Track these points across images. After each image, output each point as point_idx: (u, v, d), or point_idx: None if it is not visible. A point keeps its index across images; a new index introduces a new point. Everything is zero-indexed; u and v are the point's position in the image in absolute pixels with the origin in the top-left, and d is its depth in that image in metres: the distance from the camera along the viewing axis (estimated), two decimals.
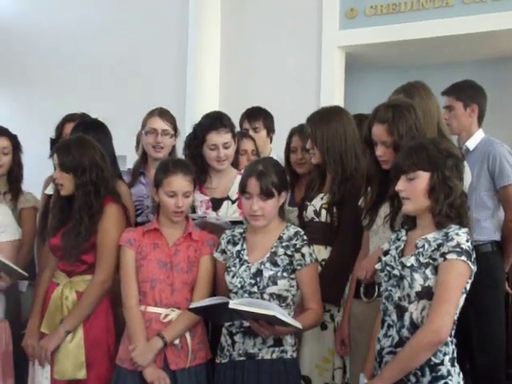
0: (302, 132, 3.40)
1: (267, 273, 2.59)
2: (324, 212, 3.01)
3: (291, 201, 3.37)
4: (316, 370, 2.94)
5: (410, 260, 2.21)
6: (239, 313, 2.43)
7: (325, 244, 2.99)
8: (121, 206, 2.96)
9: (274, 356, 2.60)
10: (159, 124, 3.37)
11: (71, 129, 3.44)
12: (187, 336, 2.73)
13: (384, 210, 2.65)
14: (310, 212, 3.05)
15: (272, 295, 2.59)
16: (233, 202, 3.17)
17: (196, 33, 6.16)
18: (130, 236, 2.81)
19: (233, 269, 2.66)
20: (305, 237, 2.65)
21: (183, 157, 3.28)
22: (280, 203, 2.66)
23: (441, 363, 2.16)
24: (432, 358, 2.15)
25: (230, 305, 2.36)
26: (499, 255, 3.47)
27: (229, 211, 3.15)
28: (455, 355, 2.21)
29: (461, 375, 2.21)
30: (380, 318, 2.34)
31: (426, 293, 2.16)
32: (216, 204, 3.18)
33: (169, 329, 2.70)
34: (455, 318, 2.18)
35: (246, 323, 2.58)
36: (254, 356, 2.60)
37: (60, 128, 3.81)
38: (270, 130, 4.19)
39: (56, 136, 3.82)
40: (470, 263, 2.14)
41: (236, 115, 3.85)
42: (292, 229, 2.69)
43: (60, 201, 2.98)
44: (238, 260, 2.66)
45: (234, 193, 3.14)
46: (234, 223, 2.90)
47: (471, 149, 3.53)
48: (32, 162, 3.95)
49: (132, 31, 6.54)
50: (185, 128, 3.72)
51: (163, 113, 3.42)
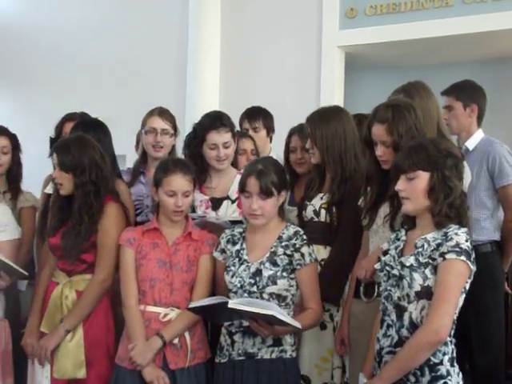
0: (302, 132, 3.40)
1: (267, 272, 2.59)
2: (323, 212, 3.01)
3: (291, 200, 3.36)
4: (315, 370, 2.94)
5: (410, 260, 2.21)
6: (238, 312, 2.43)
7: (324, 244, 2.99)
8: (121, 206, 2.96)
9: (274, 356, 2.60)
10: (159, 123, 3.37)
11: (71, 128, 3.44)
12: (186, 335, 2.73)
13: (384, 210, 2.65)
14: (310, 212, 3.05)
15: (271, 295, 2.59)
16: (232, 202, 3.17)
17: (196, 33, 6.16)
18: (130, 235, 2.81)
19: (232, 268, 2.66)
20: (304, 236, 2.65)
21: (183, 156, 3.28)
22: (279, 202, 2.66)
23: (440, 363, 2.16)
24: (431, 358, 2.15)
25: (230, 304, 2.36)
26: (499, 255, 3.47)
27: (228, 211, 3.15)
28: (455, 355, 2.21)
29: (460, 375, 2.21)
30: (379, 318, 2.34)
31: (426, 292, 2.16)
32: (216, 203, 3.17)
33: (168, 328, 2.70)
34: (455, 318, 2.18)
35: (246, 323, 2.58)
36: (254, 356, 2.60)
37: (60, 127, 3.81)
38: (270, 130, 4.18)
39: (56, 135, 3.81)
40: (470, 263, 2.14)
41: (236, 115, 3.85)
42: (292, 228, 2.69)
43: (59, 200, 2.98)
44: (238, 259, 2.66)
45: (234, 192, 3.14)
46: (234, 223, 2.89)
47: (471, 149, 3.53)
48: (32, 162, 3.96)
49: (132, 31, 6.54)
50: (185, 128, 3.72)
51: (163, 112, 3.42)
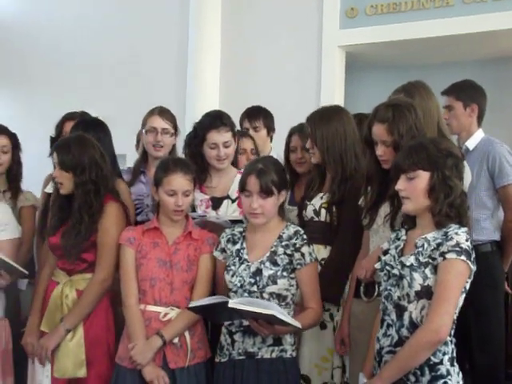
0: (302, 131, 3.40)
1: (267, 272, 2.59)
2: (323, 211, 3.00)
3: (291, 200, 3.36)
4: (315, 370, 2.94)
5: (410, 259, 2.21)
6: (239, 312, 2.43)
7: (324, 243, 2.99)
8: (121, 205, 2.96)
9: (274, 355, 2.60)
10: (159, 123, 3.38)
11: (71, 127, 3.44)
12: (186, 335, 2.73)
13: (384, 210, 2.65)
14: (310, 211, 3.05)
15: (272, 294, 2.59)
16: (233, 201, 3.17)
17: (196, 33, 6.15)
18: (130, 235, 2.81)
19: (232, 268, 2.66)
20: (304, 236, 2.65)
21: (183, 156, 3.28)
22: (280, 202, 2.66)
23: (440, 363, 2.16)
24: (431, 358, 2.15)
25: (230, 304, 2.36)
26: (499, 255, 3.47)
27: (229, 210, 3.15)
28: (455, 355, 2.21)
29: (460, 375, 2.21)
30: (379, 318, 2.34)
31: (426, 292, 2.16)
32: (216, 203, 3.17)
33: (168, 327, 2.69)
34: (455, 318, 2.18)
35: (246, 322, 2.58)
36: (254, 355, 2.60)
37: (60, 126, 3.81)
38: (271, 129, 4.19)
39: (56, 134, 3.81)
40: (470, 263, 2.14)
41: (236, 115, 3.85)
42: (292, 228, 2.69)
43: (59, 199, 2.98)
44: (238, 259, 2.66)
45: (234, 192, 3.14)
46: (234, 222, 2.89)
47: (471, 148, 3.53)
48: (32, 161, 3.96)
49: (132, 31, 6.53)
50: (185, 127, 3.72)
51: (163, 112, 3.42)
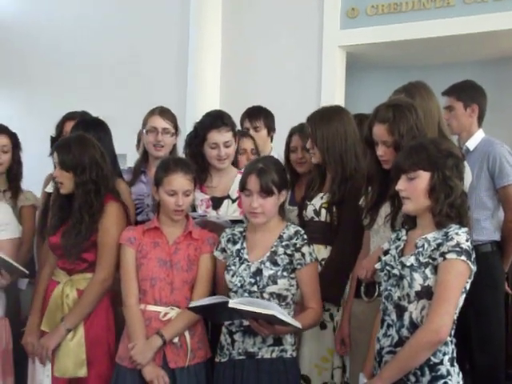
0: (302, 131, 3.40)
1: (267, 272, 2.59)
2: (324, 211, 3.00)
3: (291, 200, 3.36)
4: (315, 370, 2.94)
5: (410, 260, 2.21)
6: (239, 312, 2.43)
7: (324, 243, 2.99)
8: (121, 205, 2.96)
9: (274, 355, 2.60)
10: (160, 123, 3.37)
11: (71, 127, 3.44)
12: (186, 335, 2.73)
13: (385, 210, 2.65)
14: (310, 211, 3.05)
15: (272, 294, 2.59)
16: (233, 201, 3.17)
17: (197, 32, 6.15)
18: (131, 235, 2.81)
19: (233, 268, 2.66)
20: (305, 236, 2.65)
21: (184, 155, 3.28)
22: (280, 202, 2.66)
23: (440, 363, 2.16)
24: (431, 358, 2.15)
25: (230, 304, 2.36)
26: (499, 255, 3.47)
27: (229, 210, 3.15)
28: (455, 355, 2.21)
29: (460, 375, 2.21)
30: (380, 318, 2.34)
31: (426, 292, 2.16)
32: (216, 203, 3.17)
33: (168, 327, 2.70)
34: (455, 318, 2.18)
35: (246, 322, 2.58)
36: (254, 355, 2.60)
37: (60, 126, 3.81)
38: (271, 129, 4.19)
39: (56, 134, 3.81)
40: (470, 263, 2.13)
41: (237, 114, 3.85)
42: (292, 228, 2.69)
43: (60, 199, 2.97)
44: (238, 259, 2.66)
45: (235, 192, 3.14)
46: (235, 222, 2.90)
47: (471, 149, 3.53)
48: (32, 161, 3.95)
49: (133, 30, 6.53)
50: (185, 127, 3.72)
51: (164, 111, 3.42)
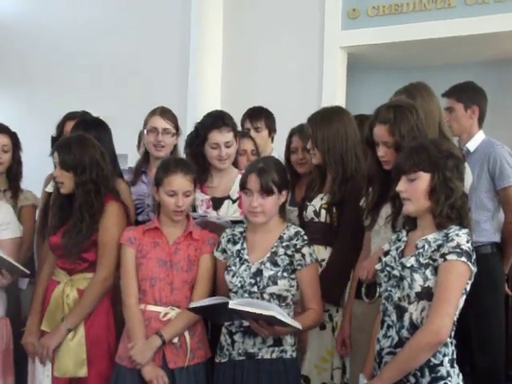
0: (302, 132, 3.40)
1: (267, 273, 2.59)
2: (324, 212, 3.00)
3: (292, 200, 3.36)
4: (314, 370, 2.94)
5: (410, 261, 2.21)
6: (239, 313, 2.43)
7: (324, 244, 2.99)
8: (121, 205, 2.96)
9: (274, 356, 2.60)
10: (160, 123, 3.37)
11: (72, 127, 3.44)
12: (186, 335, 2.73)
13: (385, 211, 2.64)
14: (310, 212, 3.05)
15: (272, 295, 2.59)
16: (233, 202, 3.17)
17: (198, 32, 6.15)
18: (131, 235, 2.81)
19: (233, 268, 2.66)
20: (305, 237, 2.65)
21: (185, 156, 3.28)
22: (280, 202, 2.66)
23: (440, 364, 2.16)
24: (431, 359, 2.15)
25: (230, 305, 2.36)
26: (499, 257, 3.47)
27: (229, 211, 3.15)
28: (455, 356, 2.21)
29: (460, 376, 2.21)
30: (380, 319, 2.34)
31: (426, 293, 2.16)
32: (217, 203, 3.17)
33: (167, 327, 2.70)
34: (455, 319, 2.18)
35: (246, 323, 2.58)
36: (254, 355, 2.60)
37: (61, 126, 3.81)
38: (272, 130, 4.18)
39: (57, 134, 3.81)
40: (470, 264, 2.13)
41: (238, 114, 3.85)
42: (292, 229, 2.69)
43: (60, 199, 2.97)
44: (238, 259, 2.66)
45: (235, 192, 3.14)
46: (235, 222, 2.89)
47: (472, 150, 3.53)
48: (33, 161, 3.95)
49: (134, 30, 6.52)
50: (186, 127, 3.72)
51: (164, 112, 3.42)
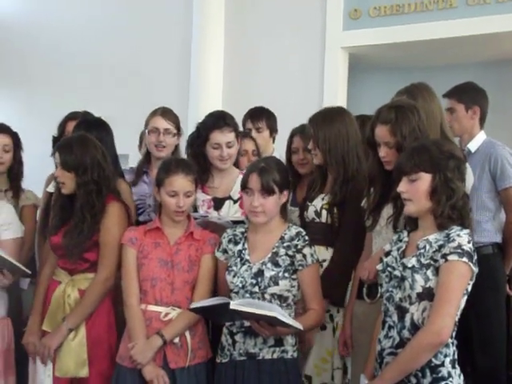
0: (303, 132, 3.40)
1: (268, 273, 2.59)
2: (324, 212, 3.00)
3: (293, 201, 3.35)
4: (315, 370, 2.94)
5: (411, 261, 2.21)
6: (240, 313, 2.43)
7: (325, 245, 2.98)
8: (123, 205, 2.96)
9: (275, 356, 2.60)
10: (161, 123, 3.38)
11: (73, 127, 3.44)
12: (187, 335, 2.73)
13: (387, 211, 2.64)
14: (311, 212, 3.04)
15: (273, 295, 2.59)
16: (235, 202, 3.17)
17: (200, 32, 6.14)
18: (132, 235, 2.81)
19: (234, 268, 2.66)
20: (306, 237, 2.65)
21: (186, 156, 3.28)
22: (281, 201, 2.66)
23: (441, 364, 2.16)
24: (433, 360, 2.15)
25: (231, 306, 2.36)
26: (500, 257, 3.46)
27: (230, 211, 3.15)
28: (456, 357, 2.21)
29: (461, 377, 2.21)
30: (381, 319, 2.34)
31: (427, 294, 2.16)
32: (218, 203, 3.18)
33: (168, 327, 2.70)
34: (456, 320, 2.17)
35: (247, 323, 2.58)
36: (255, 356, 2.60)
37: (62, 126, 3.81)
38: (273, 130, 4.18)
39: (58, 134, 3.81)
40: (472, 264, 2.13)
41: (239, 114, 3.84)
42: (294, 229, 2.69)
43: (61, 199, 2.97)
44: (239, 260, 2.66)
45: (236, 192, 3.14)
46: (236, 223, 2.89)
47: (473, 151, 3.53)
48: (33, 161, 3.95)
49: (135, 30, 6.52)
50: (187, 127, 3.72)
51: (166, 112, 3.43)
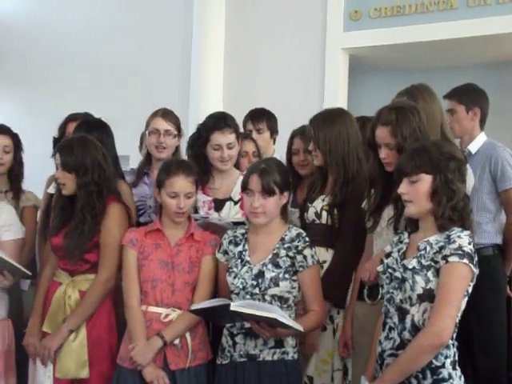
0: (303, 134, 3.39)
1: (269, 274, 2.59)
2: (325, 214, 3.00)
3: (293, 202, 3.35)
4: (315, 372, 2.94)
5: (412, 262, 2.21)
6: (240, 315, 2.43)
7: (326, 246, 2.98)
8: (123, 206, 2.96)
9: (275, 357, 2.60)
10: (162, 124, 3.38)
11: (74, 128, 3.44)
12: (187, 336, 2.73)
13: (388, 213, 2.64)
14: (311, 214, 3.04)
15: (273, 297, 2.59)
16: (235, 203, 3.17)
17: (200, 32, 6.14)
18: (133, 236, 2.81)
19: (234, 270, 2.66)
20: (307, 238, 2.65)
21: (187, 157, 3.28)
22: (282, 203, 2.66)
23: (442, 366, 2.16)
24: (433, 361, 2.15)
25: (232, 307, 2.36)
26: (501, 259, 3.46)
27: (231, 212, 3.15)
28: (457, 358, 2.21)
29: (462, 378, 2.21)
30: (381, 321, 2.34)
31: (428, 295, 2.16)
32: (218, 205, 3.18)
33: (169, 328, 2.69)
34: (457, 321, 2.18)
35: (247, 324, 2.58)
36: (255, 357, 2.60)
37: (63, 127, 3.81)
38: (274, 132, 4.18)
39: (59, 135, 3.81)
40: (472, 266, 2.13)
41: (240, 115, 3.84)
42: (294, 230, 2.69)
43: (62, 200, 2.97)
44: (240, 261, 2.66)
45: (237, 194, 3.13)
46: (236, 224, 2.89)
47: (473, 152, 3.53)
48: (33, 161, 3.95)
49: (135, 30, 6.52)
50: (188, 128, 3.72)
51: (166, 113, 3.43)
